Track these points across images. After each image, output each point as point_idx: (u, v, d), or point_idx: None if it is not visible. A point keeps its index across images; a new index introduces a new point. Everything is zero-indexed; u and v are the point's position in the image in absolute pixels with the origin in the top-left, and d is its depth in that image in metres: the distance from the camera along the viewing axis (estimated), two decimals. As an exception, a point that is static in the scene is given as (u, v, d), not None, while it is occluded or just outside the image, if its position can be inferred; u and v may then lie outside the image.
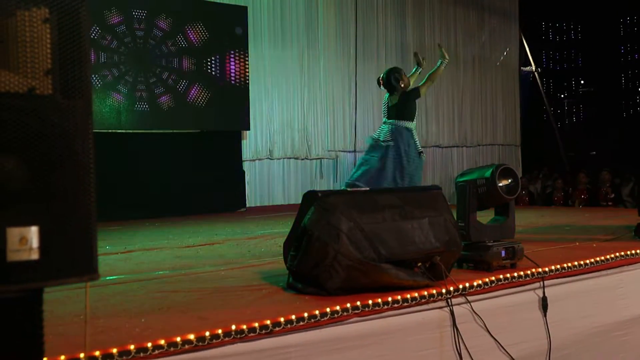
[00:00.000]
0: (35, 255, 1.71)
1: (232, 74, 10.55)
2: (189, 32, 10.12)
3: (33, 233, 1.70)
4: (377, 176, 6.57)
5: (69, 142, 1.76)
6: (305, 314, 3.04)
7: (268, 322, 2.92)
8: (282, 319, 2.96)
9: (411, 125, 6.69)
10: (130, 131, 9.62)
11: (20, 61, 1.69)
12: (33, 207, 1.71)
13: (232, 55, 10.55)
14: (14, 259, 1.68)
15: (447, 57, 7.04)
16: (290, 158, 11.83)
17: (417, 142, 6.64)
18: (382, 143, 6.63)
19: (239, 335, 2.83)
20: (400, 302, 3.37)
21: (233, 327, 2.83)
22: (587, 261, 4.40)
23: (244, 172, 11.04)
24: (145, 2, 9.84)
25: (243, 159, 11.12)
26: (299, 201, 3.77)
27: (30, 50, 1.71)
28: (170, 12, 9.93)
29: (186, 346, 2.69)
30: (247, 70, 10.72)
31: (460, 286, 3.65)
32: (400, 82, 6.79)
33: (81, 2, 1.79)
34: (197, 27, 10.22)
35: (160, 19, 9.85)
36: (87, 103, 1.80)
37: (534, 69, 17.04)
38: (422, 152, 6.68)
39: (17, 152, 1.68)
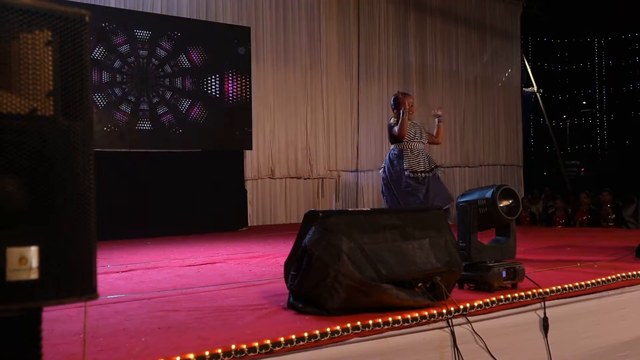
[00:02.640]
0: (34, 275, 1.72)
1: (235, 94, 10.59)
2: (192, 52, 10.18)
3: (33, 253, 1.71)
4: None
5: (70, 163, 1.78)
6: (306, 334, 3.04)
7: (268, 341, 2.92)
8: (282, 339, 2.96)
9: (396, 150, 6.72)
10: (133, 150, 9.64)
11: (22, 83, 1.71)
12: (33, 228, 1.72)
13: (234, 75, 10.60)
14: (13, 279, 1.69)
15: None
16: (292, 177, 11.86)
17: (405, 164, 6.59)
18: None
19: (238, 355, 2.82)
20: (401, 322, 3.36)
21: (233, 346, 2.82)
22: (589, 282, 4.39)
23: (246, 191, 11.05)
24: (148, 22, 9.90)
25: (245, 178, 11.14)
26: (301, 220, 3.77)
27: (33, 72, 1.73)
28: (173, 33, 9.99)
29: (186, 366, 2.69)
30: (249, 90, 10.76)
31: (461, 306, 3.64)
32: (393, 108, 6.81)
33: (83, 25, 1.81)
34: (200, 47, 10.27)
35: (164, 39, 9.91)
36: (88, 124, 1.82)
37: (535, 89, 17.08)
38: (415, 171, 6.62)
39: (18, 173, 1.69)
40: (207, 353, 2.74)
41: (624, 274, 4.64)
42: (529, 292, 4.04)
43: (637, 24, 18.43)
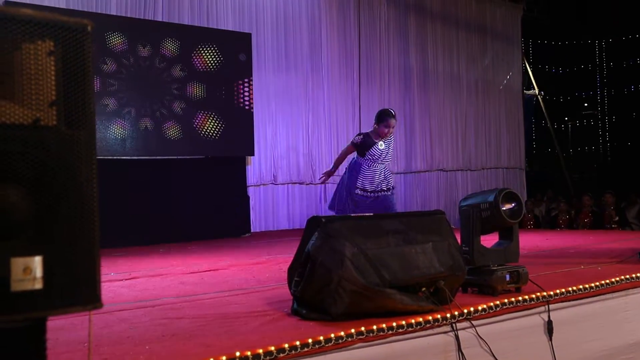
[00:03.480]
0: (39, 285, 1.72)
1: (236, 100, 10.61)
2: (193, 58, 10.20)
3: (37, 263, 1.72)
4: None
5: (73, 172, 1.78)
6: (310, 340, 3.03)
7: (272, 348, 2.92)
8: (286, 345, 2.96)
9: (357, 164, 6.93)
10: (135, 158, 9.66)
11: (25, 93, 1.72)
12: (37, 237, 1.72)
13: (236, 82, 10.61)
14: (17, 289, 1.69)
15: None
16: (294, 183, 11.87)
17: (359, 181, 6.83)
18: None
19: (243, 362, 2.83)
20: (405, 327, 3.36)
21: (237, 353, 2.82)
22: (592, 285, 4.38)
23: (248, 197, 11.06)
24: (150, 29, 9.93)
25: (247, 185, 11.15)
26: (304, 226, 3.77)
27: (35, 82, 1.74)
28: (174, 39, 10.01)
29: (190, 373, 2.69)
30: (251, 96, 10.78)
31: (465, 310, 3.64)
32: (375, 124, 6.91)
33: (85, 35, 1.82)
34: (202, 53, 10.29)
35: (165, 46, 9.92)
36: (90, 133, 1.82)
37: (537, 92, 17.08)
38: (365, 189, 6.82)
39: (21, 183, 1.69)
40: (211, 360, 2.75)
41: (627, 276, 4.64)
42: (533, 296, 4.03)
43: (637, 26, 18.43)
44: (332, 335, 3.11)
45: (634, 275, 4.67)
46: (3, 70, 1.68)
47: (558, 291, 4.16)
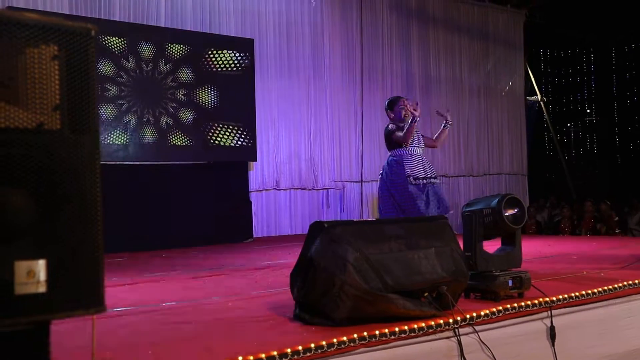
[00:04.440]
0: (42, 289, 1.73)
1: (239, 106, 10.61)
2: (195, 64, 10.22)
3: (40, 266, 1.72)
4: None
5: (77, 176, 1.79)
6: (312, 345, 3.03)
7: (275, 353, 2.91)
8: (288, 350, 2.96)
9: (396, 155, 6.65)
10: (138, 163, 9.67)
11: (29, 97, 1.73)
12: (41, 241, 1.73)
13: (239, 87, 10.62)
14: (21, 292, 1.70)
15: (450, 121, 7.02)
16: (297, 189, 11.87)
17: (407, 169, 6.52)
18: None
19: (245, 367, 2.83)
20: (408, 332, 3.36)
21: (240, 358, 2.82)
22: (595, 290, 4.38)
23: (250, 202, 11.06)
24: (152, 35, 9.95)
25: (250, 190, 11.16)
26: (306, 231, 3.77)
27: (39, 86, 1.74)
28: (177, 45, 10.03)
29: (193, 378, 2.69)
30: (253, 101, 10.80)
31: (468, 316, 3.63)
32: (389, 111, 6.77)
33: (89, 40, 1.83)
34: (204, 59, 10.31)
35: (168, 51, 9.95)
36: (94, 138, 1.83)
37: (539, 98, 17.07)
38: (417, 177, 6.52)
39: (25, 187, 1.70)
40: (214, 365, 2.75)
41: (630, 282, 4.63)
42: (536, 301, 4.03)
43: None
44: (335, 340, 3.10)
45: (637, 281, 4.67)
46: (7, 74, 1.69)
47: (561, 297, 4.15)
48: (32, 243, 1.72)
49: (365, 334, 3.21)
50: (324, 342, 3.07)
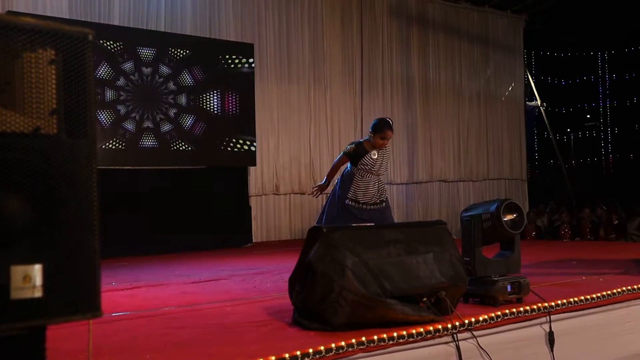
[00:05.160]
0: (38, 293, 1.73)
1: (239, 111, 10.62)
2: (195, 69, 10.23)
3: (37, 271, 1.72)
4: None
5: (73, 181, 1.79)
6: (311, 350, 3.03)
7: (273, 358, 2.91)
8: (287, 355, 2.95)
9: (350, 173, 6.62)
10: (137, 168, 9.67)
11: (26, 102, 1.72)
12: (37, 246, 1.73)
13: (238, 92, 10.63)
14: (17, 297, 1.69)
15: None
16: (296, 193, 11.86)
17: (351, 191, 6.50)
18: None
19: (243, 372, 2.82)
20: (406, 337, 3.35)
21: (237, 363, 2.82)
22: (594, 295, 4.37)
23: (250, 207, 11.06)
24: (152, 39, 9.96)
25: (249, 195, 11.16)
26: (305, 236, 3.77)
27: (36, 91, 1.74)
28: (177, 50, 10.04)
29: (190, 383, 2.68)
30: (253, 106, 10.80)
31: (466, 321, 3.63)
32: (370, 132, 6.57)
33: (86, 44, 1.83)
34: (204, 64, 10.32)
35: (168, 56, 9.95)
36: (91, 142, 1.83)
37: (539, 103, 17.07)
38: (357, 201, 6.48)
39: (21, 191, 1.70)
40: (211, 370, 2.74)
41: (629, 287, 4.63)
42: (535, 306, 4.02)
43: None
44: (333, 345, 3.10)
45: (635, 287, 4.66)
46: (4, 78, 1.69)
47: (559, 302, 4.15)
48: (28, 248, 1.71)
49: (363, 339, 3.21)
50: (322, 347, 3.07)
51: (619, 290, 4.55)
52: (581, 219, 13.13)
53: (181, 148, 10.00)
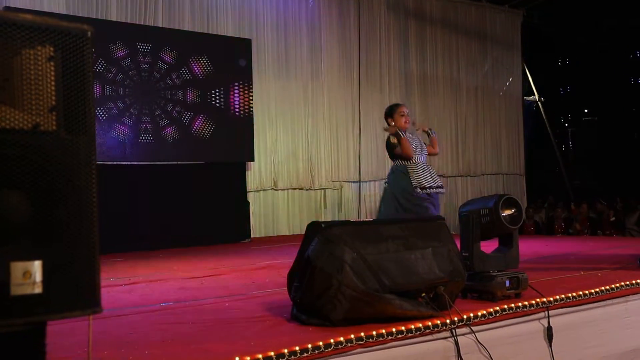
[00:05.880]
0: (38, 289, 1.73)
1: (237, 106, 10.62)
2: (193, 64, 10.21)
3: (36, 267, 1.72)
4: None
5: (72, 177, 1.78)
6: (309, 345, 3.03)
7: (272, 353, 2.91)
8: (285, 351, 2.96)
9: (400, 166, 6.61)
10: (135, 163, 9.66)
11: (25, 98, 1.72)
12: (36, 242, 1.73)
13: (236, 87, 10.63)
14: (17, 293, 1.69)
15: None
16: (294, 189, 11.86)
17: (413, 179, 6.50)
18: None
19: (242, 367, 2.83)
20: (405, 333, 3.36)
21: (237, 358, 2.82)
22: (592, 290, 4.38)
23: (248, 202, 11.06)
24: (150, 35, 9.95)
25: (247, 190, 11.15)
26: (304, 232, 3.77)
27: (35, 87, 1.74)
28: (174, 45, 10.03)
29: (190, 379, 2.69)
30: (251, 101, 10.80)
31: (465, 316, 3.63)
32: (389, 119, 6.71)
33: (85, 40, 1.82)
34: (202, 59, 10.31)
35: (165, 51, 9.94)
36: (90, 139, 1.83)
37: (537, 98, 17.06)
38: (424, 187, 6.52)
39: (20, 188, 1.70)
40: (211, 365, 2.74)
41: (627, 282, 4.64)
42: (533, 302, 4.03)
43: (637, 33, 18.45)
44: (332, 340, 3.11)
45: (634, 282, 4.67)
46: (3, 75, 1.69)
47: (558, 297, 4.16)
48: (28, 244, 1.71)
49: (362, 334, 3.22)
50: (321, 343, 3.07)
51: (618, 285, 4.56)
52: (578, 214, 13.15)
53: (178, 143, 9.99)
